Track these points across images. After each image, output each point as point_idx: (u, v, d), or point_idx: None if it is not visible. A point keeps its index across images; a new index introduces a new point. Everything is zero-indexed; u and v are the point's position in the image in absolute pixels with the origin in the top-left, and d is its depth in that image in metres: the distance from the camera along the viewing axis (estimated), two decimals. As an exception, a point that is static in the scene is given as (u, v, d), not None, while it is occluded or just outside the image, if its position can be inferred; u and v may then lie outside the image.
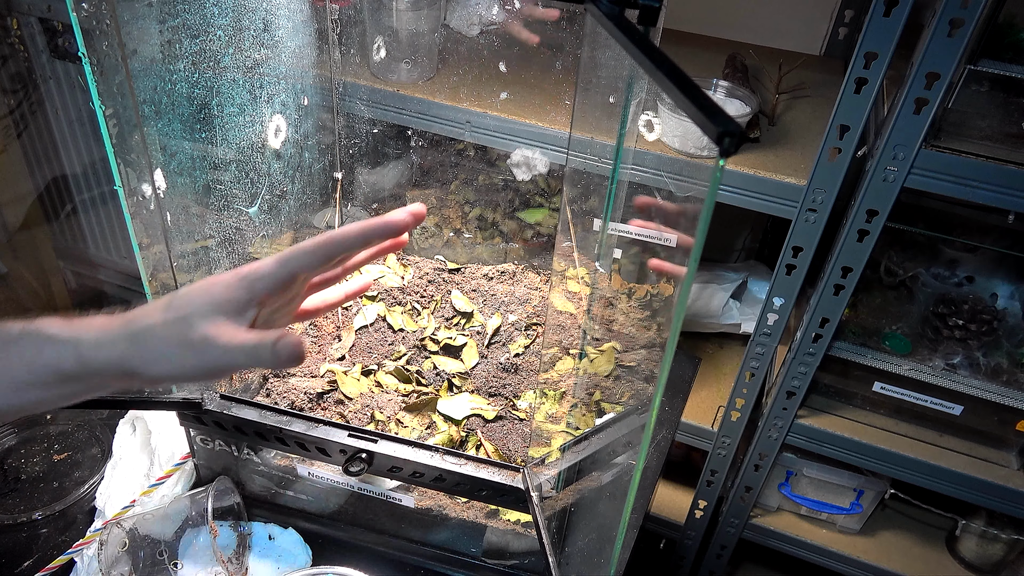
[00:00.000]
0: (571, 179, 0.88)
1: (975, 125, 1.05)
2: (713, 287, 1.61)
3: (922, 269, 1.39)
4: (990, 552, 1.52)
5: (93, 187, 1.88)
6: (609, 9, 0.61)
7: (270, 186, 1.00)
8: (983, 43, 1.00)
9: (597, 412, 0.97)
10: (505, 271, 1.23)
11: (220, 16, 0.82)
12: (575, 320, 1.09)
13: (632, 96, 0.72)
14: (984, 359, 1.31)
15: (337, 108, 1.17)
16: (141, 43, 0.73)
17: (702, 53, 1.52)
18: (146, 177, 0.77)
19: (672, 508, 1.77)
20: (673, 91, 0.44)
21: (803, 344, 1.29)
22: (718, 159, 0.38)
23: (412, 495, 0.93)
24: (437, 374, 1.05)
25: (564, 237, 0.94)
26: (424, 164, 1.32)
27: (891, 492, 1.50)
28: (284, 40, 0.96)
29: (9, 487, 1.05)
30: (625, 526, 0.64)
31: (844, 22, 1.54)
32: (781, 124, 1.32)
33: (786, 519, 1.64)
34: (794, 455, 1.53)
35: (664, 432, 1.13)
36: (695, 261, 0.44)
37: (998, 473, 1.33)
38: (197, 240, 0.90)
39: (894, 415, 1.41)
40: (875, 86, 1.01)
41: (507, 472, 0.84)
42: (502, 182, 1.27)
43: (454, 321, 1.14)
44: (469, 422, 0.99)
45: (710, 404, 1.56)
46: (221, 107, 0.87)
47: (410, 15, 1.20)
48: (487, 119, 1.23)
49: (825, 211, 1.14)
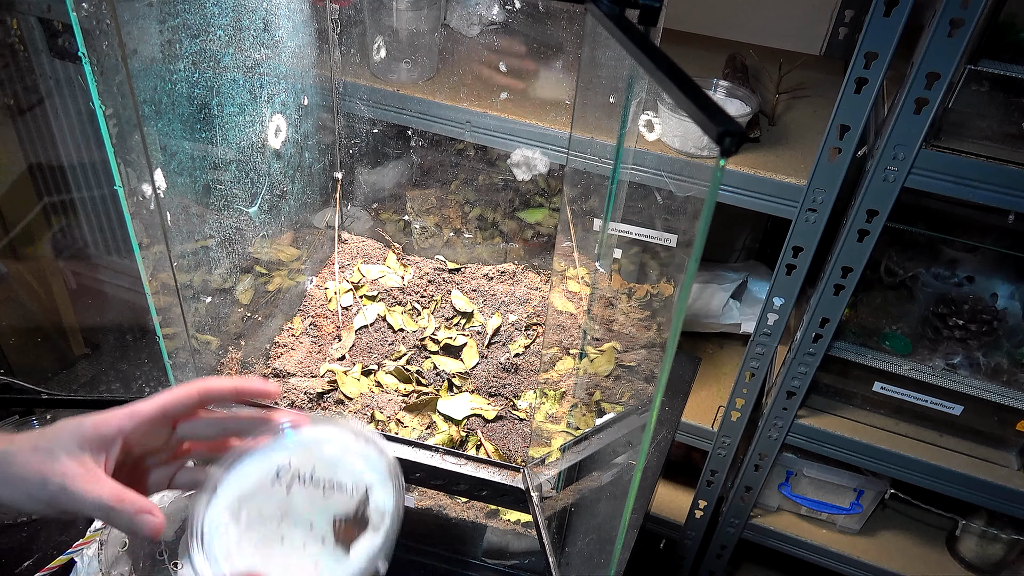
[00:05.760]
0: (571, 179, 0.88)
1: (975, 125, 1.05)
2: (713, 287, 1.61)
3: (922, 269, 1.39)
4: (990, 552, 1.52)
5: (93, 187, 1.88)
6: (609, 9, 0.61)
7: (270, 186, 1.00)
8: (983, 43, 1.00)
9: (597, 412, 0.97)
10: (505, 271, 1.23)
11: (220, 16, 0.82)
12: (575, 320, 1.09)
13: (632, 96, 0.72)
14: (984, 359, 1.31)
15: (337, 108, 1.17)
16: (141, 43, 0.73)
17: (702, 53, 1.52)
18: (146, 177, 0.77)
19: (672, 508, 1.77)
20: (673, 91, 0.44)
21: (803, 344, 1.29)
22: (719, 159, 0.38)
23: (412, 495, 0.93)
24: (437, 374, 1.05)
25: (564, 237, 0.94)
26: (424, 164, 1.32)
27: (891, 492, 1.50)
28: (284, 40, 0.96)
29: (9, 487, 1.05)
30: (625, 526, 0.64)
31: (844, 22, 1.54)
32: (781, 124, 1.32)
33: (786, 519, 1.64)
34: (794, 455, 1.53)
35: (664, 432, 1.13)
36: (695, 261, 0.44)
37: (998, 473, 1.33)
38: (197, 240, 0.90)
39: (894, 415, 1.41)
40: (875, 86, 1.01)
41: (507, 472, 0.84)
42: (502, 182, 1.27)
43: (454, 321, 1.14)
44: (469, 422, 0.99)
45: (710, 404, 1.56)
46: (221, 107, 0.87)
47: (410, 15, 1.20)
48: (487, 119, 1.23)
49: (825, 211, 1.14)
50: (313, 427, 0.64)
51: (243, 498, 0.61)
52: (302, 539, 0.60)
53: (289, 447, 0.63)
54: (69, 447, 0.57)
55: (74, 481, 0.55)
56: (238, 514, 0.60)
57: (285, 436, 0.64)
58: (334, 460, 0.63)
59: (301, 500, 0.61)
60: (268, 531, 0.60)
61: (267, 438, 0.63)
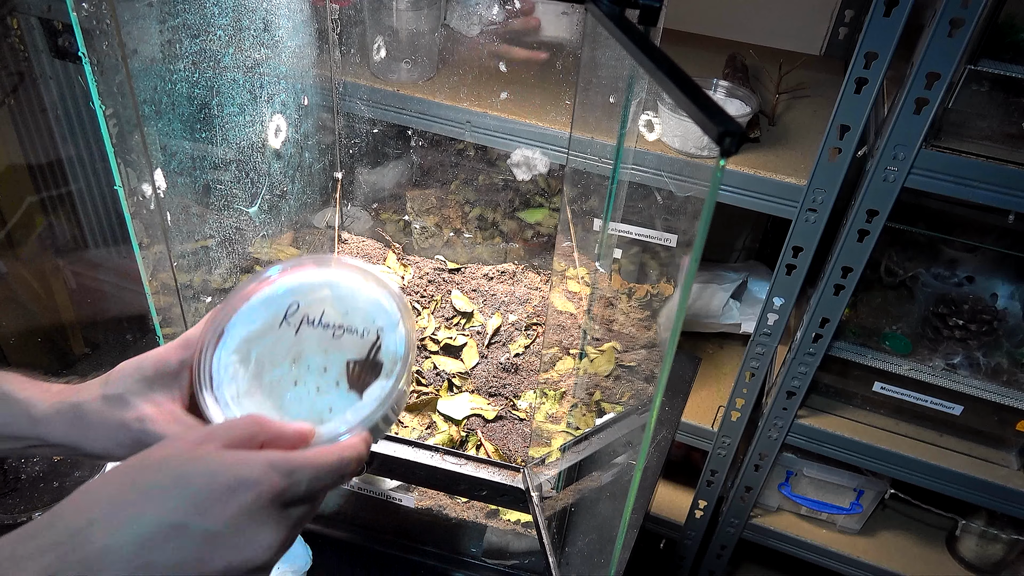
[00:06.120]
0: (571, 179, 0.88)
1: (975, 125, 1.05)
2: (713, 287, 1.61)
3: (922, 269, 1.39)
4: (990, 552, 1.52)
5: (93, 187, 1.88)
6: (609, 9, 0.61)
7: (270, 186, 1.00)
8: (983, 43, 1.00)
9: (597, 412, 0.97)
10: (505, 271, 1.23)
11: (220, 16, 0.82)
12: (575, 320, 1.09)
13: (632, 96, 0.72)
14: (984, 359, 1.31)
15: (337, 108, 1.17)
16: (141, 43, 0.73)
17: (702, 53, 1.52)
18: (146, 177, 0.77)
19: (672, 508, 1.77)
20: (673, 91, 0.44)
21: (803, 344, 1.29)
22: (719, 159, 0.38)
23: (412, 495, 0.93)
24: (437, 374, 1.05)
25: (564, 237, 0.94)
26: (424, 164, 1.32)
27: (891, 492, 1.50)
28: (284, 40, 0.96)
29: (9, 487, 1.05)
30: (625, 526, 0.64)
31: (844, 22, 1.54)
32: (781, 124, 1.32)
33: (786, 519, 1.64)
34: (794, 455, 1.53)
35: (664, 432, 1.13)
36: (695, 261, 0.44)
37: (998, 473, 1.33)
38: (197, 240, 0.90)
39: (894, 415, 1.41)
40: (875, 86, 1.01)
41: (507, 472, 0.84)
42: (502, 182, 1.27)
43: (454, 321, 1.14)
44: (469, 422, 0.99)
45: (710, 404, 1.56)
46: (221, 107, 0.87)
47: (410, 15, 1.20)
48: (487, 119, 1.23)
49: (825, 211, 1.14)
50: (319, 269, 0.61)
51: (251, 341, 0.58)
52: (316, 382, 0.58)
53: (295, 290, 0.60)
54: (137, 390, 0.56)
55: (153, 423, 0.54)
56: (247, 357, 0.58)
57: (290, 278, 0.60)
58: (344, 302, 0.60)
59: (311, 343, 0.59)
60: (280, 374, 0.58)
61: (271, 282, 0.60)
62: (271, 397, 0.57)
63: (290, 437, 0.52)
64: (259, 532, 0.46)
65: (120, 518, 0.43)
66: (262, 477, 0.46)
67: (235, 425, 0.50)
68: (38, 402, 0.56)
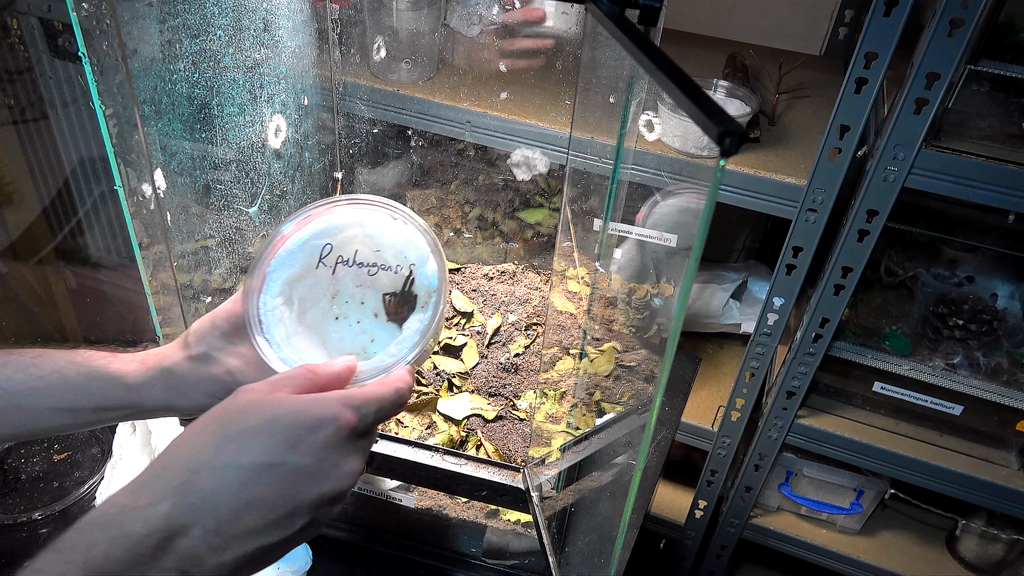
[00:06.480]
0: (571, 179, 0.88)
1: (975, 125, 1.05)
2: (713, 287, 1.61)
3: (922, 269, 1.39)
4: (990, 552, 1.52)
5: (93, 187, 1.88)
6: (609, 9, 0.61)
7: (270, 186, 1.00)
8: (983, 43, 1.00)
9: (597, 412, 0.97)
10: (505, 271, 1.23)
11: (220, 16, 0.82)
12: (575, 320, 1.09)
13: (632, 96, 0.72)
14: (984, 359, 1.31)
15: (337, 108, 1.17)
16: (141, 43, 0.73)
17: (702, 53, 1.52)
18: (146, 177, 0.77)
19: (672, 508, 1.77)
20: (673, 91, 0.44)
21: (803, 344, 1.29)
22: (719, 159, 0.38)
23: (412, 495, 0.93)
24: (437, 374, 1.05)
25: (564, 237, 0.94)
26: (424, 164, 1.32)
27: (891, 492, 1.50)
28: (284, 40, 0.96)
29: (9, 487, 1.05)
30: (625, 526, 0.64)
31: (844, 22, 1.54)
32: (781, 124, 1.32)
33: (786, 519, 1.64)
34: (794, 455, 1.53)
35: (664, 432, 1.13)
36: (695, 261, 0.44)
37: (998, 473, 1.33)
38: (197, 240, 0.90)
39: (894, 415, 1.41)
40: (875, 86, 1.01)
41: (507, 472, 0.84)
42: (502, 182, 1.27)
43: (454, 321, 1.14)
44: (469, 422, 0.99)
45: (710, 404, 1.56)
46: (221, 107, 0.87)
47: (410, 15, 1.20)
48: (487, 119, 1.23)
49: (825, 211, 1.14)
50: (348, 209, 0.64)
51: (292, 284, 0.62)
52: (356, 316, 0.62)
53: (327, 231, 0.63)
54: (219, 345, 0.60)
55: (242, 373, 0.59)
56: (291, 298, 0.61)
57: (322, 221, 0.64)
58: (375, 241, 0.63)
59: (348, 281, 0.62)
60: (322, 311, 0.62)
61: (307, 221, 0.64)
62: (317, 334, 0.62)
63: (341, 375, 0.57)
64: (342, 461, 0.51)
65: (221, 462, 0.47)
66: (339, 413, 0.51)
67: (294, 375, 0.55)
68: (127, 373, 0.61)
